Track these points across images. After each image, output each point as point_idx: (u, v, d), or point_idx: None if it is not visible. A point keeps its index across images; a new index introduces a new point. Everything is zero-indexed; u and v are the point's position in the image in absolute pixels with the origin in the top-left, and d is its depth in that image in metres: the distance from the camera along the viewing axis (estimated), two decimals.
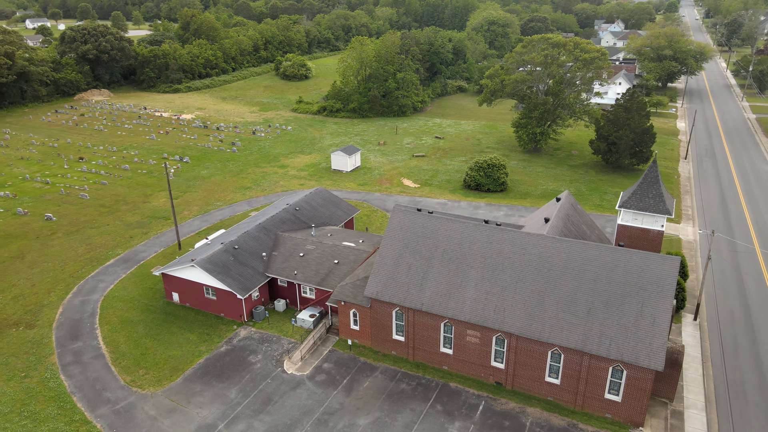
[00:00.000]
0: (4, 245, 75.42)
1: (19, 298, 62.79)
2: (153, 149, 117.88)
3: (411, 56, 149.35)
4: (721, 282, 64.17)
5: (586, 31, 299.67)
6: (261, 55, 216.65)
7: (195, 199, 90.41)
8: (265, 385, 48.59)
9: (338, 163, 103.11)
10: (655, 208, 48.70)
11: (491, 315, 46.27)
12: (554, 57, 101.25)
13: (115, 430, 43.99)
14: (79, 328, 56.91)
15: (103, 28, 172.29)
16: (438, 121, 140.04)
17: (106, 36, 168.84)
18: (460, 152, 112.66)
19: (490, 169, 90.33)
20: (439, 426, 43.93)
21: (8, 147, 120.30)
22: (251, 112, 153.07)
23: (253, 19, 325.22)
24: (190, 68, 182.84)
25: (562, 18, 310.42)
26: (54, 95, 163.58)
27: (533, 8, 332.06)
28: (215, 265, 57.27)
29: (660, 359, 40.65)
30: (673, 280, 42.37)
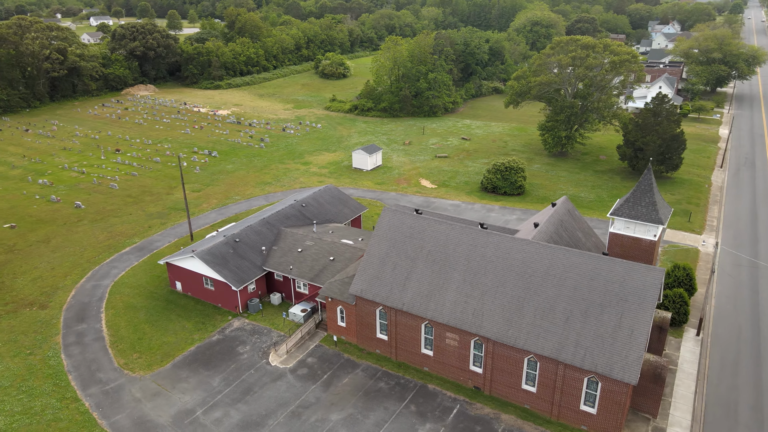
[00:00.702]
0: (34, 230, 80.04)
1: (38, 280, 66.60)
2: (186, 143, 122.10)
3: (444, 57, 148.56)
4: (733, 297, 61.17)
5: (638, 32, 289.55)
6: (302, 54, 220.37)
7: (215, 193, 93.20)
8: (247, 376, 49.85)
9: (359, 162, 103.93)
10: (648, 217, 46.90)
11: (470, 319, 45.87)
12: (582, 59, 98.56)
13: (101, 409, 46.18)
14: (86, 311, 59.90)
15: (150, 26, 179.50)
16: (468, 122, 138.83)
17: (153, 34, 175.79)
18: (484, 154, 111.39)
19: (508, 172, 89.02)
20: (409, 426, 43.94)
21: (54, 138, 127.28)
22: (285, 109, 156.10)
23: (302, 18, 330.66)
24: (231, 65, 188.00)
25: (613, 19, 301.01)
26: (103, 89, 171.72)
27: (584, 8, 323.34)
28: (214, 257, 59.07)
29: (634, 373, 39.31)
30: (655, 291, 40.86)
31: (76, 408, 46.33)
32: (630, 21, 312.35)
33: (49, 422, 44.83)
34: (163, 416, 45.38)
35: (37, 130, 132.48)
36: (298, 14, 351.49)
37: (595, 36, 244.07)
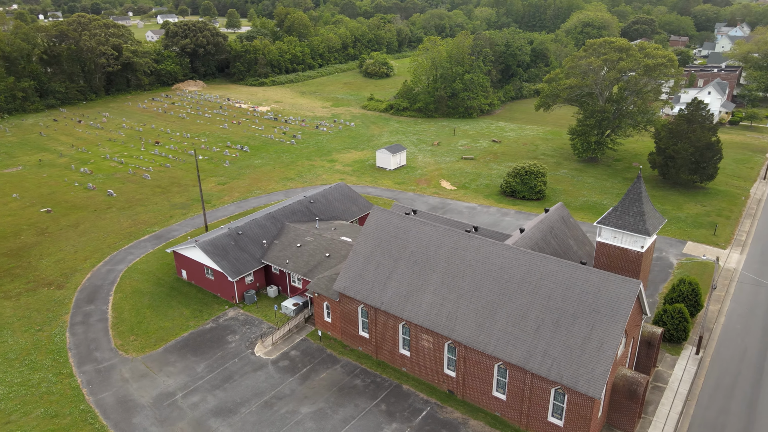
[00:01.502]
0: (67, 215, 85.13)
1: (61, 261, 70.90)
2: (221, 137, 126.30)
3: (483, 58, 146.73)
4: (746, 316, 57.77)
5: (703, 35, 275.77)
6: (349, 53, 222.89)
7: (239, 186, 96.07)
8: (231, 364, 51.43)
9: (382, 161, 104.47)
10: (635, 227, 44.94)
11: (443, 322, 45.59)
12: (614, 62, 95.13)
13: (91, 386, 48.88)
14: (97, 293, 63.36)
15: (201, 24, 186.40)
16: (502, 124, 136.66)
17: (204, 31, 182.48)
18: (512, 157, 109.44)
19: (527, 176, 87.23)
20: (375, 425, 44.18)
21: (102, 129, 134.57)
22: (323, 107, 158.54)
23: (355, 17, 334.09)
24: (277, 63, 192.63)
25: (676, 20, 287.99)
26: (155, 84, 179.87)
27: (645, 9, 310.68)
28: (215, 248, 61.14)
29: (599, 387, 38.02)
30: (628, 304, 39.33)
31: (68, 383, 49.23)
32: (695, 23, 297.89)
33: (42, 395, 47.87)
34: (145, 397, 47.55)
35: (89, 122, 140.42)
36: (353, 13, 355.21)
37: (652, 38, 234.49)
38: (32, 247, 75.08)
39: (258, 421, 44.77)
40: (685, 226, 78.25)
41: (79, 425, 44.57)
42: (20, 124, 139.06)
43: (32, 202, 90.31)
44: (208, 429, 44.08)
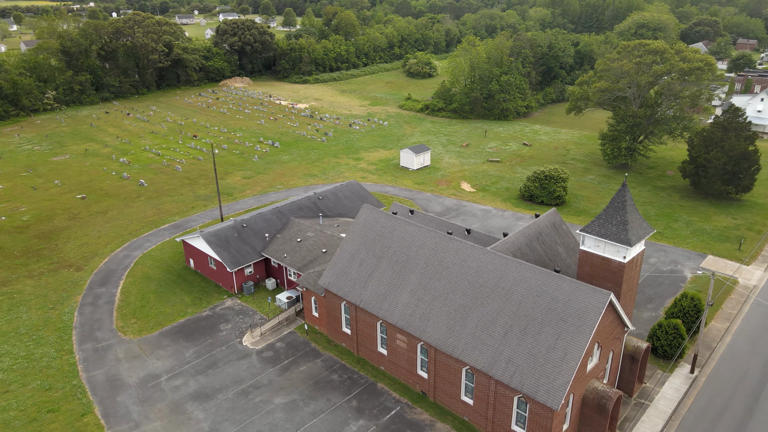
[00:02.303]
0: (99, 202, 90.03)
1: (84, 246, 75.18)
2: (256, 133, 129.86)
3: (522, 59, 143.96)
4: (755, 337, 54.48)
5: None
6: (394, 52, 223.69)
7: (262, 181, 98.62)
8: (218, 352, 53.19)
9: (406, 161, 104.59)
10: (616, 236, 43.14)
11: (417, 323, 45.52)
12: (647, 65, 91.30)
13: (86, 363, 51.77)
14: (110, 277, 66.86)
15: (250, 22, 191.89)
16: (537, 127, 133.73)
17: (252, 30, 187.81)
18: (540, 161, 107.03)
19: (547, 181, 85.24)
20: (343, 420, 44.68)
21: (147, 122, 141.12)
22: (361, 105, 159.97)
23: (412, 16, 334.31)
24: (321, 61, 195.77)
25: (745, 22, 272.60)
26: (203, 80, 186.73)
27: (712, 10, 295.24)
28: (218, 239, 63.26)
29: (558, 398, 37.03)
30: (596, 315, 38.07)
31: (67, 360, 52.33)
32: (765, 25, 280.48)
33: (41, 368, 51.12)
34: (133, 377, 49.94)
35: (137, 114, 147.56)
36: (407, 13, 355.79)
37: (714, 40, 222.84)
38: (62, 230, 79.91)
39: (232, 407, 46.18)
40: (709, 239, 74.37)
41: (69, 399, 47.35)
42: (75, 116, 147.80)
43: (71, 188, 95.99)
44: (183, 411, 45.87)
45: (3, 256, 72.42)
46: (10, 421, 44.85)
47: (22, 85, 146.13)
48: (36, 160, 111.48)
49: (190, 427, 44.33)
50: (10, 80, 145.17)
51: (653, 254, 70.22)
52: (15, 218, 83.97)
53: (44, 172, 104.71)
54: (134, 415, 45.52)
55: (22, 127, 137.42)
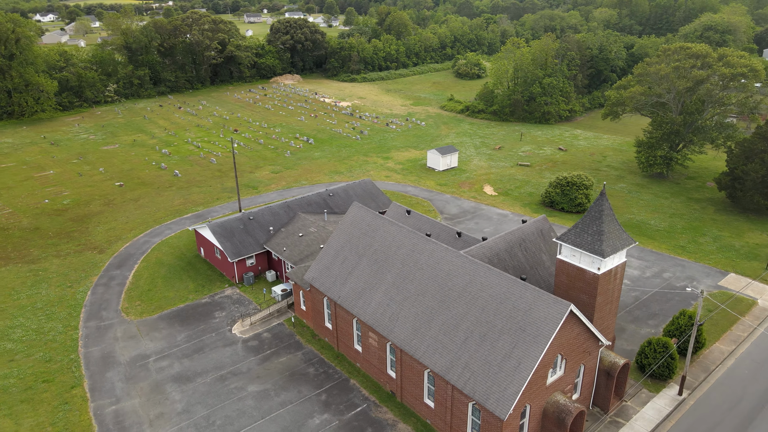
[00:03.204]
0: (134, 189, 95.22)
1: (111, 230, 79.86)
2: (294, 129, 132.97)
3: (568, 61, 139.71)
4: (760, 363, 50.88)
5: None
6: (446, 53, 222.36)
7: (289, 176, 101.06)
8: (207, 337, 55.33)
9: (432, 162, 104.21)
10: (591, 247, 41.29)
11: (386, 322, 45.66)
12: (686, 70, 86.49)
13: (86, 339, 55.22)
14: (126, 261, 70.78)
15: (302, 21, 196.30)
16: (578, 132, 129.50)
17: (303, 29, 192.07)
18: (572, 167, 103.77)
19: (569, 188, 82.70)
20: (308, 413, 45.50)
21: (196, 115, 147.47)
22: (402, 105, 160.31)
23: (470, 17, 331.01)
24: (370, 60, 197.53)
25: None
26: (255, 77, 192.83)
27: None
28: (223, 229, 65.65)
29: (506, 407, 36.25)
30: (553, 326, 36.96)
31: (71, 335, 56.00)
32: None
33: (47, 341, 54.99)
34: (125, 356, 52.83)
35: (187, 108, 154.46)
36: (469, 13, 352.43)
37: None
38: (96, 215, 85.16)
39: (207, 391, 48.01)
40: (735, 256, 69.86)
41: (64, 371, 50.72)
42: (132, 108, 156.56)
43: (112, 176, 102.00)
44: (162, 392, 48.13)
45: (39, 236, 78.09)
46: (8, 388, 48.59)
47: (86, 78, 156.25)
48: (88, 149, 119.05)
49: (165, 406, 46.47)
50: (76, 73, 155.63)
51: (669, 269, 66.80)
52: (57, 202, 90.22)
53: (93, 159, 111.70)
54: (117, 391, 48.21)
55: (83, 118, 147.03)
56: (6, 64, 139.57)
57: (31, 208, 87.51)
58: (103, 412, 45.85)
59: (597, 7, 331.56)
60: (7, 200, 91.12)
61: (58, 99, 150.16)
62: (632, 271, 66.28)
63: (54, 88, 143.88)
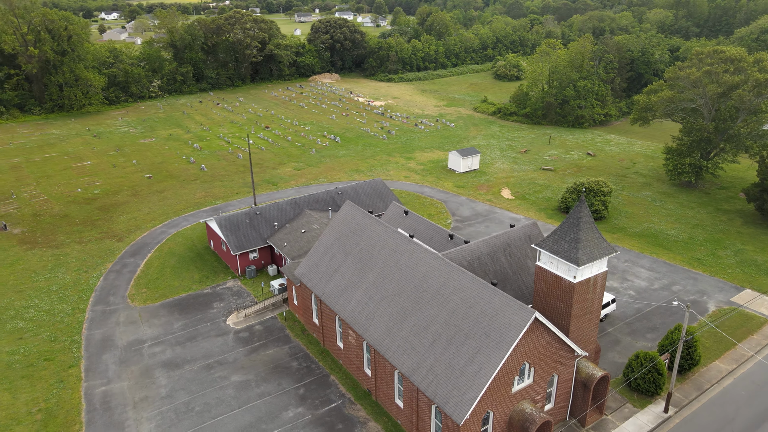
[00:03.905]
0: (161, 182, 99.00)
1: (132, 220, 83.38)
2: (323, 127, 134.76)
3: (605, 64, 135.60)
4: (761, 385, 48.26)
5: None
6: (487, 54, 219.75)
7: (310, 173, 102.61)
8: (202, 327, 57.14)
9: (453, 163, 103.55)
10: (567, 255, 40.08)
11: (363, 321, 45.98)
12: (717, 75, 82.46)
13: (90, 322, 58.03)
14: (141, 250, 73.82)
15: (341, 21, 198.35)
16: (611, 137, 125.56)
17: (342, 28, 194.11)
18: (597, 173, 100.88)
19: (585, 194, 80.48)
20: (284, 405, 46.38)
21: (232, 111, 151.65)
22: (435, 106, 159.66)
23: (523, 17, 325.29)
24: (409, 60, 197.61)
25: None
26: (295, 75, 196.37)
27: None
28: (229, 223, 67.54)
29: (463, 412, 35.95)
30: (516, 333, 36.38)
31: (78, 318, 59.00)
32: None
33: (55, 322, 58.14)
34: (122, 340, 55.25)
35: (225, 105, 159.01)
36: (518, 14, 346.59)
37: None
38: (121, 205, 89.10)
39: (192, 378, 49.66)
40: (755, 272, 66.31)
41: (65, 351, 53.53)
42: (173, 103, 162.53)
43: (143, 168, 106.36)
44: (151, 376, 50.11)
45: (66, 223, 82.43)
46: (13, 364, 51.73)
47: (132, 74, 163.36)
48: (126, 141, 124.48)
49: (151, 390, 48.39)
50: (123, 70, 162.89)
51: (680, 281, 64.11)
52: (88, 191, 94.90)
53: (129, 152, 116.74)
54: (110, 373, 50.52)
55: (127, 112, 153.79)
56: (58, 59, 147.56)
57: (64, 196, 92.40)
58: (93, 392, 48.17)
59: (652, 8, 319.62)
60: (45, 188, 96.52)
61: (105, 93, 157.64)
62: (640, 283, 64.03)
63: (102, 83, 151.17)
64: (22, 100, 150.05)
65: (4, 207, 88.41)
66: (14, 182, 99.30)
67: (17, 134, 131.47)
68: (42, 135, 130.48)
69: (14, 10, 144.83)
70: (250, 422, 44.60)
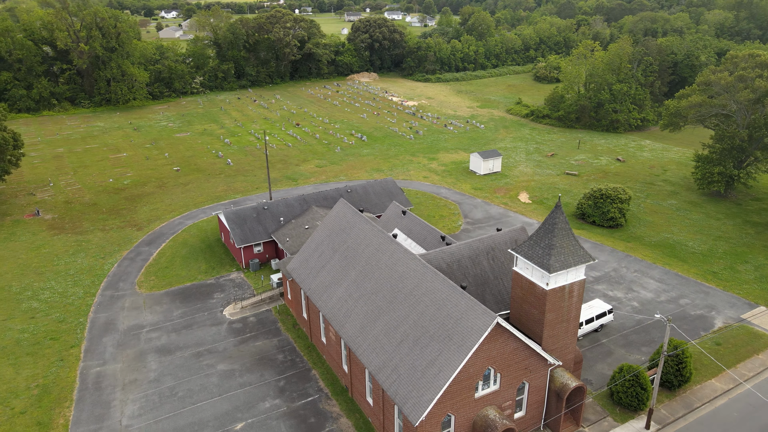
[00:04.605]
0: (187, 175, 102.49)
1: (154, 210, 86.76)
2: (352, 125, 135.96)
3: (644, 67, 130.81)
4: (757, 407, 45.82)
5: None
6: (529, 55, 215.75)
7: (331, 171, 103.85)
8: (199, 316, 59.04)
9: (474, 165, 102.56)
10: (539, 261, 39.04)
11: (341, 318, 46.47)
12: (750, 80, 78.28)
13: (98, 306, 60.95)
14: (156, 239, 76.80)
15: (381, 20, 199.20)
16: (646, 143, 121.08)
17: (381, 28, 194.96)
18: (624, 179, 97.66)
19: (602, 200, 78.26)
20: (262, 396, 47.45)
21: (267, 108, 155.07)
22: (469, 107, 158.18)
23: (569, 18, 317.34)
24: (447, 61, 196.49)
25: None
26: (333, 74, 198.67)
27: None
28: (237, 216, 69.40)
29: (418, 413, 35.90)
30: (477, 337, 36.02)
31: (87, 301, 62.07)
32: None
33: (66, 304, 61.36)
34: (123, 324, 57.78)
35: (261, 102, 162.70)
36: (570, 14, 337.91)
37: None
38: (147, 195, 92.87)
39: (181, 365, 51.47)
40: None
41: (70, 332, 56.47)
42: (213, 99, 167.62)
43: (174, 161, 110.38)
44: (143, 360, 52.25)
45: (94, 211, 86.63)
46: (21, 341, 54.99)
47: (176, 71, 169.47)
48: (163, 135, 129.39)
49: (141, 374, 50.47)
50: (168, 66, 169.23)
51: (689, 295, 61.46)
52: (119, 181, 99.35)
53: (163, 145, 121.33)
54: (107, 355, 52.99)
55: (169, 107, 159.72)
56: (107, 56, 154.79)
57: (96, 186, 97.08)
58: (88, 372, 50.67)
59: (711, 8, 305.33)
60: (80, 177, 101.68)
61: (149, 89, 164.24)
62: (646, 294, 61.78)
63: (146, 79, 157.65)
64: (73, 94, 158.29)
65: (41, 194, 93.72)
66: (54, 171, 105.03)
67: (65, 126, 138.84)
68: (87, 127, 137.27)
69: (68, 8, 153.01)
70: (226, 410, 45.89)
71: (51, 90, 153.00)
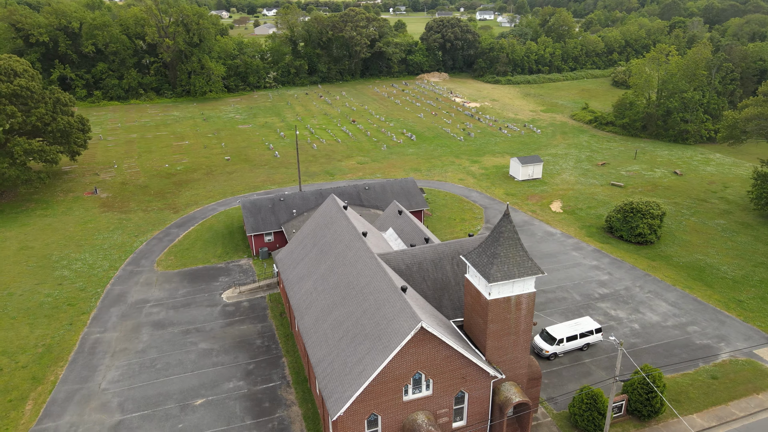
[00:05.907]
0: (235, 164, 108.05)
1: (195, 196, 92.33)
2: (405, 125, 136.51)
3: (723, 74, 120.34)
4: None
5: None
6: (612, 58, 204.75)
7: (371, 168, 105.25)
8: (199, 296, 62.68)
9: (513, 170, 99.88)
10: (482, 269, 37.51)
11: (303, 309, 47.73)
12: None
13: (117, 279, 66.42)
14: (188, 222, 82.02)
15: (454, 20, 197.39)
16: (714, 156, 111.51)
17: (454, 28, 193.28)
18: (675, 193, 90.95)
19: (632, 215, 73.68)
20: (228, 376, 49.84)
21: (330, 104, 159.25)
22: (532, 111, 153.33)
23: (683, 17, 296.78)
24: (520, 62, 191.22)
25: None
26: (404, 73, 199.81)
27: None
28: (252, 206, 72.70)
29: (337, 408, 36.40)
30: (399, 340, 35.93)
31: (109, 274, 67.82)
32: None
33: (91, 275, 67.42)
34: (133, 297, 62.63)
35: (326, 98, 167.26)
36: (673, 14, 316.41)
37: None
38: (194, 181, 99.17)
39: (168, 339, 55.14)
40: None
41: (86, 300, 62.14)
42: (282, 94, 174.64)
43: (227, 151, 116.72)
44: (137, 332, 56.50)
45: (143, 193, 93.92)
46: (44, 304, 61.28)
47: (252, 66, 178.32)
48: (227, 126, 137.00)
49: (132, 344, 54.67)
50: (244, 61, 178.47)
51: (701, 322, 56.64)
52: (173, 167, 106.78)
53: (224, 135, 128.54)
54: (109, 324, 57.84)
55: (241, 100, 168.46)
56: (189, 50, 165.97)
57: (152, 170, 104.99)
58: (88, 338, 55.64)
59: None
60: (142, 161, 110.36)
61: (226, 82, 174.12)
62: (652, 317, 57.71)
63: (222, 73, 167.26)
64: (159, 84, 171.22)
65: (104, 175, 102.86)
66: (122, 154, 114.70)
67: (146, 114, 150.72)
68: (164, 116, 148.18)
69: (158, 5, 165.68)
70: (193, 386, 48.72)
71: (139, 81, 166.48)
